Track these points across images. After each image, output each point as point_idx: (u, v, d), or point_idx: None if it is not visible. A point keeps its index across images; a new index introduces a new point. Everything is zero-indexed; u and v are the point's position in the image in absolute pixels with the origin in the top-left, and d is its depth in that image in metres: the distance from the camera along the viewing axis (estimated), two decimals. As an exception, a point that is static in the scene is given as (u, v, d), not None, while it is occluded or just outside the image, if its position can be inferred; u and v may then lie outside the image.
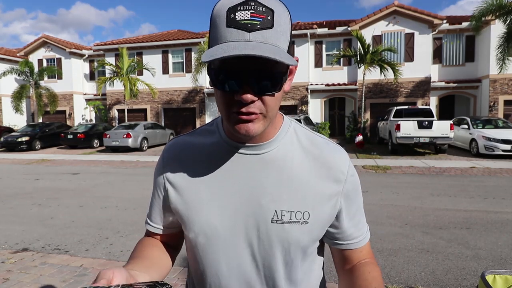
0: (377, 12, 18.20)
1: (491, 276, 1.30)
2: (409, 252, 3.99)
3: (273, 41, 0.63)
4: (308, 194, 0.77)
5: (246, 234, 0.78)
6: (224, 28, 0.63)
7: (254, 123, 0.69)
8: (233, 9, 0.62)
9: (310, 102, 19.91)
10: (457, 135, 13.24)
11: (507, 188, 7.28)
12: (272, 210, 0.76)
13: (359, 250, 0.85)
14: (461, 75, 18.84)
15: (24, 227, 5.15)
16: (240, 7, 0.62)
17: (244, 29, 0.61)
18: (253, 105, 0.67)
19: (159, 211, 0.88)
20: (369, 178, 8.86)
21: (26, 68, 20.90)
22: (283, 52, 0.62)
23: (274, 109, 0.71)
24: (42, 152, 16.60)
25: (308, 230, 0.77)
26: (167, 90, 21.50)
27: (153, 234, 0.92)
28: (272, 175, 0.77)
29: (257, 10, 0.62)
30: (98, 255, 4.05)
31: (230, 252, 0.79)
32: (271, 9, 0.63)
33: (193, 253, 0.84)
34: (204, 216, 0.79)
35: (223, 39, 0.63)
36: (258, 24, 0.61)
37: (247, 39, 0.61)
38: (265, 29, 0.62)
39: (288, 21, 0.66)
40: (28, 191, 7.84)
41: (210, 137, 0.83)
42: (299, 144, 0.81)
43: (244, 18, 0.61)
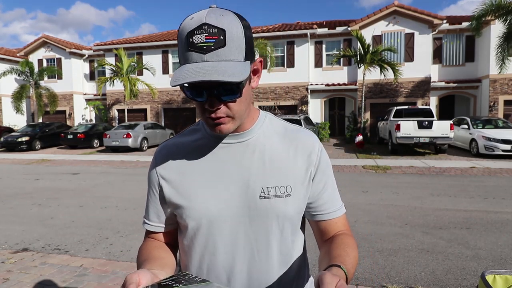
0: (377, 12, 18.20)
1: (491, 276, 1.30)
2: (409, 252, 3.99)
3: (228, 57, 0.74)
4: (288, 170, 0.89)
5: (239, 214, 0.86)
6: (186, 51, 0.75)
7: (225, 124, 0.81)
8: (190, 34, 0.73)
9: (310, 102, 19.91)
10: (457, 135, 13.24)
11: (507, 188, 7.28)
12: (259, 187, 0.86)
13: (334, 221, 0.95)
14: (461, 75, 18.84)
15: (24, 227, 5.15)
16: (196, 31, 0.73)
17: (200, 52, 0.73)
18: (219, 111, 0.79)
19: (156, 209, 0.95)
20: (369, 178, 8.86)
21: (26, 68, 20.91)
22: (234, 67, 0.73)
23: (239, 111, 0.82)
24: (42, 152, 16.60)
25: (292, 201, 0.88)
26: (167, 90, 21.49)
27: (152, 234, 0.98)
28: (255, 158, 0.88)
29: (210, 33, 0.72)
30: (98, 255, 4.05)
31: (227, 233, 0.87)
32: (222, 29, 0.73)
33: (191, 240, 0.91)
34: (200, 203, 0.87)
35: (185, 61, 0.75)
36: (212, 45, 0.72)
37: (204, 60, 0.73)
38: (218, 49, 0.73)
39: (241, 33, 0.75)
40: (28, 191, 7.84)
41: (196, 135, 0.94)
42: (275, 131, 0.93)
43: (200, 41, 0.72)
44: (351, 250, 0.86)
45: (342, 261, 0.79)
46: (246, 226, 0.87)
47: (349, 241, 0.90)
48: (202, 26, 0.72)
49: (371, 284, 3.26)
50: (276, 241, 0.88)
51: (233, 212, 0.86)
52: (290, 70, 19.67)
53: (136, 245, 4.33)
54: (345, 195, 6.88)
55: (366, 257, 3.87)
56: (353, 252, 0.86)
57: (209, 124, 0.83)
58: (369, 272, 3.50)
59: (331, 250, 0.86)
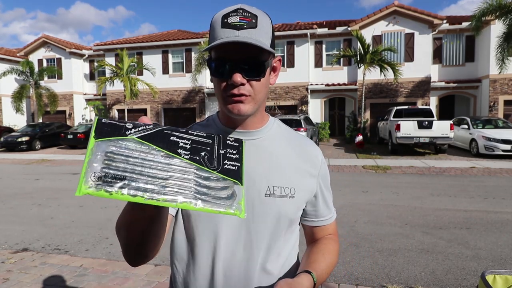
0: (377, 12, 18.20)
1: (491, 276, 1.30)
2: (409, 252, 3.99)
3: (257, 38, 0.79)
4: (294, 173, 0.92)
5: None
6: (219, 29, 0.79)
7: (245, 104, 0.82)
8: (226, 16, 0.80)
9: (310, 102, 19.90)
10: (457, 135, 13.23)
11: (507, 188, 7.28)
12: (265, 185, 0.89)
13: (325, 227, 1.02)
14: (461, 75, 18.83)
15: (24, 227, 5.15)
16: (232, 13, 0.79)
17: (234, 28, 0.78)
18: (242, 87, 0.81)
19: None
20: (369, 178, 8.86)
21: (26, 68, 20.90)
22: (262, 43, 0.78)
23: (260, 93, 0.84)
24: (42, 152, 16.60)
25: (294, 203, 0.91)
26: (167, 90, 21.49)
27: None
28: (263, 157, 0.91)
29: (244, 15, 0.79)
30: (98, 255, 4.05)
31: (229, 227, 0.88)
32: (255, 14, 0.80)
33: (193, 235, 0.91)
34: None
35: (218, 37, 0.79)
36: (245, 25, 0.78)
37: (236, 35, 0.78)
38: (250, 28, 0.78)
39: (270, 25, 0.83)
40: (28, 191, 7.84)
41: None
42: (282, 135, 0.97)
43: (234, 21, 0.79)
44: (329, 256, 0.94)
45: (315, 268, 0.87)
46: (249, 222, 0.88)
47: (330, 246, 0.97)
48: (237, 10, 0.80)
49: (371, 284, 3.26)
50: (275, 237, 0.91)
51: None
52: (290, 70, 19.66)
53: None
54: (345, 195, 6.87)
55: (366, 257, 3.87)
56: (330, 258, 0.94)
57: (229, 102, 0.83)
58: (369, 272, 3.50)
59: (310, 254, 0.94)
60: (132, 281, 3.31)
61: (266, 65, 0.82)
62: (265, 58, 0.82)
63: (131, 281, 3.32)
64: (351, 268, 3.61)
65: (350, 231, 4.70)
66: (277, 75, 0.92)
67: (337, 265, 3.67)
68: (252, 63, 0.80)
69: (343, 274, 3.46)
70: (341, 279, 3.36)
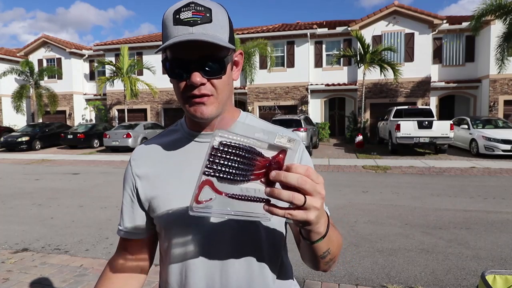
0: (377, 12, 18.19)
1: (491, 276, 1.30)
2: (409, 252, 3.99)
3: (213, 33, 0.74)
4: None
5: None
6: (172, 27, 0.74)
7: (207, 105, 0.78)
8: (177, 11, 0.74)
9: (310, 102, 19.90)
10: (457, 135, 13.24)
11: (507, 188, 7.28)
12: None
13: None
14: (461, 75, 18.83)
15: (24, 227, 5.16)
16: (183, 8, 0.74)
17: (188, 25, 0.73)
18: (203, 87, 0.76)
19: (132, 214, 0.92)
20: (369, 178, 8.86)
21: (26, 68, 20.90)
22: (220, 38, 0.74)
23: (223, 91, 0.80)
24: (42, 152, 16.60)
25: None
26: (167, 90, 21.49)
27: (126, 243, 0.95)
28: None
29: (197, 10, 0.74)
30: (98, 255, 4.05)
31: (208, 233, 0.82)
32: (209, 8, 0.75)
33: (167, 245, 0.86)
34: (175, 205, 0.83)
35: (171, 36, 0.74)
36: (198, 20, 0.73)
37: (191, 32, 0.73)
38: (205, 23, 0.73)
39: (226, 17, 0.78)
40: (28, 191, 7.84)
41: (174, 135, 0.92)
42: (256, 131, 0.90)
43: (186, 16, 0.73)
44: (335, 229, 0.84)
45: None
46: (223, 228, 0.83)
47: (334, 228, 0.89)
48: (189, 4, 0.74)
49: (371, 284, 3.26)
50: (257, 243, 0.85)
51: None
52: (290, 70, 19.66)
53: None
54: (345, 195, 6.87)
55: (366, 257, 3.87)
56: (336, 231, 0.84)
57: (191, 105, 0.78)
58: (369, 272, 3.50)
59: None
60: (132, 281, 3.31)
61: (226, 61, 0.77)
62: (224, 54, 0.77)
63: (131, 281, 3.32)
64: (351, 268, 3.61)
65: (350, 231, 4.70)
66: (239, 69, 0.87)
67: (337, 264, 3.68)
68: (210, 61, 0.75)
69: (343, 274, 3.46)
70: (341, 279, 3.36)
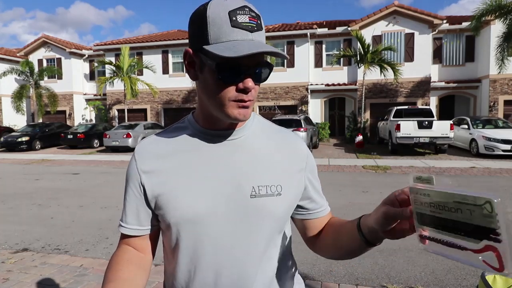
0: (377, 12, 18.20)
1: (491, 276, 1.30)
2: (409, 252, 3.99)
3: (263, 40, 0.77)
4: (279, 170, 0.88)
5: (228, 213, 0.83)
6: (230, 28, 0.74)
7: (248, 108, 0.81)
8: (233, 13, 0.74)
9: (310, 102, 19.90)
10: (457, 135, 13.24)
11: (507, 188, 7.28)
12: (250, 186, 0.84)
13: (322, 219, 0.97)
14: (461, 75, 18.83)
15: (24, 227, 5.15)
16: (239, 11, 0.74)
17: (248, 30, 0.74)
18: (250, 93, 0.79)
19: (135, 210, 0.90)
20: (369, 178, 8.86)
21: (26, 68, 20.90)
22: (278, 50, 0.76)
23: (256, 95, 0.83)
24: (42, 152, 16.60)
25: (282, 200, 0.86)
26: (167, 90, 21.49)
27: (128, 239, 0.92)
28: (246, 157, 0.87)
29: (252, 15, 0.75)
30: (98, 255, 4.05)
31: (214, 233, 0.83)
32: (259, 15, 0.77)
33: (175, 242, 0.86)
34: (185, 202, 0.83)
35: (230, 37, 0.74)
36: (255, 26, 0.75)
37: (251, 39, 0.74)
38: (259, 31, 0.76)
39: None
40: (28, 191, 7.84)
41: (183, 132, 0.91)
42: (264, 131, 0.93)
43: (244, 21, 0.74)
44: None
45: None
46: (237, 226, 0.83)
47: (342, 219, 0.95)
48: (244, 8, 0.75)
49: (371, 284, 3.26)
50: (264, 240, 0.86)
51: (222, 212, 0.83)
52: (290, 70, 19.66)
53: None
54: (345, 195, 6.87)
55: (366, 257, 3.87)
56: None
57: (233, 107, 0.79)
58: (369, 272, 3.50)
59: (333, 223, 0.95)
60: (132, 281, 3.30)
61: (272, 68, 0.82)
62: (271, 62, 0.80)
63: (131, 281, 3.32)
64: (351, 268, 3.61)
65: (350, 231, 4.69)
66: None
67: (337, 264, 3.68)
68: (263, 68, 0.79)
69: (343, 274, 3.46)
70: (341, 279, 3.36)
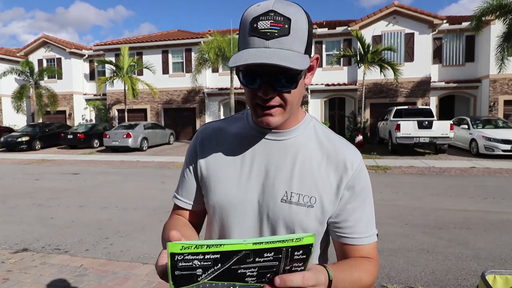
0: (377, 12, 18.19)
1: (491, 276, 1.31)
2: (409, 252, 3.99)
3: (289, 46, 0.73)
4: (317, 181, 0.85)
5: (257, 210, 0.86)
6: (248, 37, 0.74)
7: (274, 116, 0.80)
8: (256, 19, 0.73)
9: (310, 102, 19.91)
10: (457, 135, 13.23)
11: (507, 188, 7.28)
12: (283, 190, 0.84)
13: (358, 248, 0.88)
14: (461, 75, 18.83)
15: (24, 227, 5.15)
16: (262, 17, 0.72)
17: (263, 37, 0.72)
18: (272, 99, 0.78)
19: (188, 185, 0.97)
20: (369, 178, 8.85)
21: (26, 68, 20.89)
22: (295, 56, 0.72)
23: (292, 103, 0.81)
24: (42, 152, 16.59)
25: (312, 214, 0.84)
26: (167, 90, 21.49)
27: (179, 210, 1.00)
28: (288, 160, 0.86)
29: (276, 20, 0.72)
30: (98, 255, 4.05)
31: (242, 224, 0.87)
32: (289, 18, 0.73)
33: (211, 221, 0.93)
34: (222, 189, 0.88)
35: (246, 46, 0.75)
36: (276, 32, 0.72)
37: (266, 46, 0.72)
38: (282, 36, 0.72)
39: (306, 26, 0.75)
40: (28, 191, 7.84)
41: (239, 124, 0.95)
42: (316, 137, 0.91)
43: (264, 27, 0.72)
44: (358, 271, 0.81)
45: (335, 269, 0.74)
46: (263, 224, 0.86)
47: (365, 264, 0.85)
48: (268, 13, 0.72)
49: (371, 284, 3.26)
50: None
51: (251, 207, 0.86)
52: (290, 70, 19.65)
53: (136, 245, 4.33)
54: (345, 195, 6.87)
55: (366, 257, 3.87)
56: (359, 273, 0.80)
57: (257, 114, 0.81)
58: (369, 272, 3.50)
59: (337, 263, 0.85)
60: (132, 281, 3.31)
61: (298, 77, 0.77)
62: (298, 70, 0.74)
63: (131, 281, 3.32)
64: (351, 268, 3.60)
65: (350, 231, 4.70)
66: (313, 74, 0.87)
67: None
68: (282, 77, 0.75)
69: (343, 274, 3.45)
70: (341, 279, 3.36)
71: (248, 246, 0.55)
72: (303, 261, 0.59)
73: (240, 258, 0.56)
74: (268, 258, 0.57)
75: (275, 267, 0.58)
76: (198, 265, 0.55)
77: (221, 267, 0.56)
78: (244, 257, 0.56)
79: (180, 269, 0.54)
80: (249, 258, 0.56)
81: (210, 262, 0.55)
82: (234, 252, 0.55)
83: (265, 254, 0.56)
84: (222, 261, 0.55)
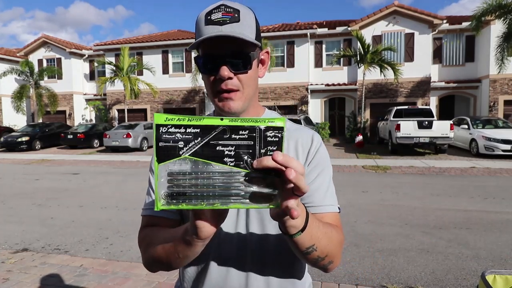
0: (377, 12, 18.19)
1: (491, 276, 1.31)
2: (409, 252, 3.99)
3: (240, 31, 0.80)
4: None
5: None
6: (203, 27, 0.81)
7: (235, 101, 0.84)
8: (209, 13, 0.81)
9: (310, 102, 19.90)
10: (457, 135, 13.23)
11: (507, 188, 7.28)
12: None
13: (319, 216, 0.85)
14: (461, 75, 18.83)
15: (24, 227, 5.15)
16: (214, 10, 0.81)
17: (217, 24, 0.80)
18: (230, 82, 0.82)
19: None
20: (369, 178, 8.86)
21: (26, 68, 20.90)
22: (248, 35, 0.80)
23: (249, 86, 0.86)
24: (42, 152, 16.59)
25: None
26: (167, 90, 21.49)
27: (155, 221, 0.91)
28: None
29: (227, 11, 0.80)
30: (98, 255, 4.05)
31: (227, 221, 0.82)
32: (237, 9, 0.81)
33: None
34: None
35: (202, 34, 0.81)
36: (227, 20, 0.80)
37: (220, 31, 0.79)
38: (233, 23, 0.80)
39: (253, 18, 0.85)
40: (28, 191, 7.84)
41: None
42: None
43: (217, 17, 0.80)
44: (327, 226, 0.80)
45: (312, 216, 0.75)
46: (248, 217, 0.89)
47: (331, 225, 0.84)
48: (220, 6, 0.81)
49: (371, 284, 3.26)
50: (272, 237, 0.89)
51: None
52: (290, 70, 19.66)
53: (136, 245, 4.33)
54: (345, 195, 6.87)
55: (366, 257, 3.87)
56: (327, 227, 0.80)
57: (219, 100, 0.85)
58: (369, 272, 3.50)
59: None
60: (132, 281, 3.31)
61: (252, 57, 0.83)
62: (251, 50, 0.83)
63: (131, 281, 3.32)
64: (351, 268, 3.61)
65: (350, 231, 4.70)
66: (266, 67, 0.93)
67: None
68: (237, 56, 0.82)
69: (343, 274, 3.46)
70: (341, 279, 3.36)
71: (225, 122, 0.60)
72: (277, 144, 0.63)
73: (218, 134, 0.60)
74: (243, 136, 0.62)
75: (251, 149, 0.62)
76: (180, 138, 0.59)
77: (200, 141, 0.60)
78: (221, 133, 0.60)
79: (164, 140, 0.59)
80: (226, 134, 0.61)
81: (191, 135, 0.60)
82: (213, 127, 0.60)
83: (240, 131, 0.61)
84: (202, 135, 0.60)
